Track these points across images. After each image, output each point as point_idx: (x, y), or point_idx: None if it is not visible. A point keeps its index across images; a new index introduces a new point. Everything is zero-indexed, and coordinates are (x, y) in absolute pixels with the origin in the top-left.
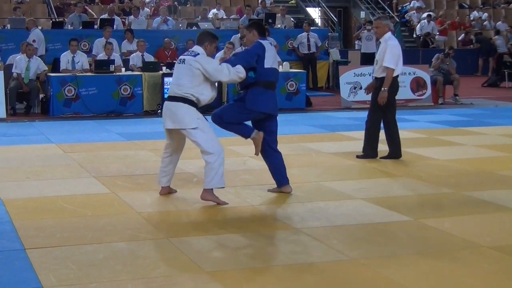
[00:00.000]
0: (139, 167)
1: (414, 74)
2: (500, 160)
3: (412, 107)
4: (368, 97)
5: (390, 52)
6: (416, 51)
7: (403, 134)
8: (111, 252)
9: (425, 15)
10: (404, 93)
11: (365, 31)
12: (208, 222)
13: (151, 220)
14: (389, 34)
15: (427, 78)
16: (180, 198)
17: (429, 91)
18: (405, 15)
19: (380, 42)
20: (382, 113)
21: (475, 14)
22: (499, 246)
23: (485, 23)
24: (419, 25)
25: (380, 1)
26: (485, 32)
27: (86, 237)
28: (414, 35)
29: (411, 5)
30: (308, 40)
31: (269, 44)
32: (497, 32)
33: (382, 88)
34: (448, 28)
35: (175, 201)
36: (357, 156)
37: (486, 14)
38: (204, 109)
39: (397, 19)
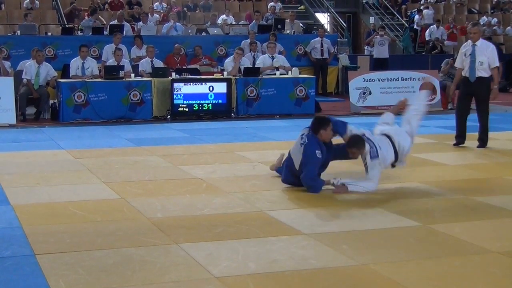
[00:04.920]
0: (148, 173)
1: (423, 79)
2: (510, 165)
3: None
4: (378, 103)
5: (495, 54)
6: (425, 56)
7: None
8: (121, 258)
9: (426, 12)
10: (413, 98)
11: (378, 36)
12: (218, 227)
13: (160, 225)
14: (481, 39)
15: (436, 83)
16: (189, 203)
17: (438, 96)
18: (415, 20)
19: (474, 45)
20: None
21: (484, 19)
22: (509, 252)
23: (494, 27)
24: (428, 30)
25: (389, 7)
26: (494, 37)
27: (96, 243)
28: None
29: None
30: (322, 46)
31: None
32: None
33: (495, 86)
34: (457, 33)
35: (184, 206)
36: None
37: (495, 19)
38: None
39: (406, 25)
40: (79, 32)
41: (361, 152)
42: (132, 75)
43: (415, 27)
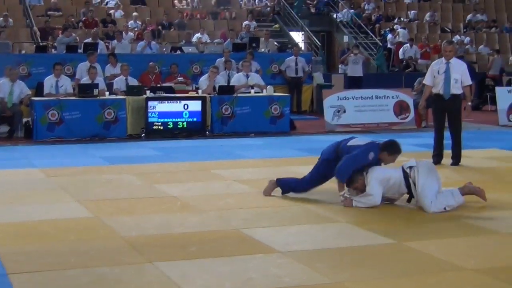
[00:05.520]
0: (122, 191)
1: (397, 97)
2: (483, 182)
3: (395, 130)
4: (352, 121)
5: (467, 72)
6: (399, 74)
7: None
8: (94, 277)
9: (402, 31)
10: (387, 116)
11: (352, 55)
12: (192, 245)
13: (135, 244)
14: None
15: (410, 101)
16: (164, 222)
17: (412, 114)
18: (388, 39)
19: (448, 63)
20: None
21: (457, 38)
22: (482, 269)
23: (467, 46)
24: (401, 49)
25: (363, 25)
26: (467, 56)
27: (69, 262)
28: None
29: (395, 28)
30: (296, 64)
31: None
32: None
33: (469, 103)
34: (430, 52)
35: (159, 225)
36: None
37: (468, 38)
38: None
39: (380, 43)
40: (53, 50)
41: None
42: (107, 93)
43: (388, 45)
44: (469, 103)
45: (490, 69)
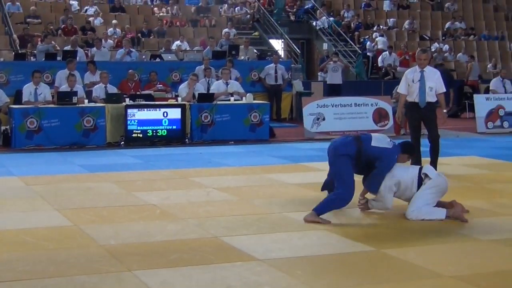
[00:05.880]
0: (102, 199)
1: (376, 105)
2: (462, 190)
3: None
4: (331, 128)
5: (441, 80)
6: (378, 82)
7: None
8: (73, 286)
9: (380, 39)
10: (366, 124)
11: (331, 62)
12: (172, 253)
13: (114, 252)
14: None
15: (389, 109)
16: (143, 230)
17: (391, 121)
18: (367, 46)
19: (423, 71)
20: None
21: (436, 45)
22: (461, 276)
23: (445, 54)
24: (380, 57)
25: (343, 33)
26: (446, 63)
27: (48, 271)
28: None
29: (374, 36)
30: (276, 72)
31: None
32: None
33: (444, 110)
34: (409, 60)
35: (138, 233)
36: None
37: (447, 46)
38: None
39: (359, 51)
40: (32, 57)
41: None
42: (86, 101)
43: (367, 53)
44: (444, 111)
45: (468, 76)
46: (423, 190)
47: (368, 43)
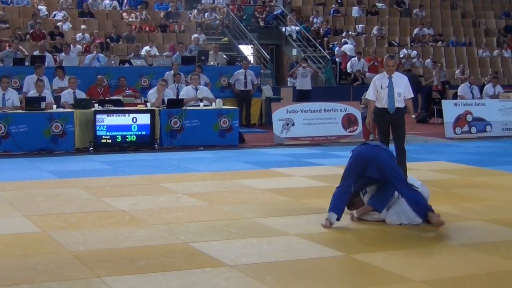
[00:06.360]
0: (70, 205)
1: (345, 110)
2: (431, 195)
3: (343, 143)
4: (301, 134)
5: (409, 85)
6: (347, 88)
7: (335, 170)
8: None
9: (347, 47)
10: (336, 129)
11: (300, 68)
12: (141, 259)
13: (83, 259)
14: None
15: (358, 114)
16: (112, 236)
17: (360, 127)
18: (335, 52)
19: (391, 77)
20: None
21: (404, 51)
22: (430, 280)
23: (414, 60)
24: (349, 62)
25: (312, 39)
26: (414, 69)
27: (16, 278)
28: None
29: (342, 42)
30: (245, 77)
31: None
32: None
33: (413, 116)
34: (378, 65)
35: (107, 239)
36: None
37: (415, 52)
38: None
39: (328, 57)
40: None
41: None
42: (54, 106)
43: (336, 59)
44: (413, 116)
45: (434, 81)
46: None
47: (337, 49)
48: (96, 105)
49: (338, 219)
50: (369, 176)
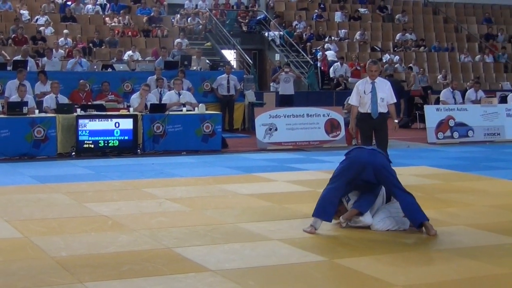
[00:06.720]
0: (52, 211)
1: (328, 115)
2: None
3: (326, 148)
4: (284, 139)
5: (392, 90)
6: (330, 93)
7: (317, 175)
8: None
9: (329, 53)
10: (318, 134)
11: (283, 73)
12: (124, 265)
13: (65, 264)
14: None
15: (341, 119)
16: (94, 241)
17: (343, 132)
18: (318, 57)
19: (374, 82)
20: None
21: (387, 56)
22: (412, 285)
23: (396, 65)
24: (332, 67)
25: (295, 44)
26: (396, 74)
27: None
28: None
29: (325, 48)
30: (228, 82)
31: None
32: (410, 69)
33: (396, 120)
34: (361, 70)
35: (89, 244)
36: None
37: (397, 57)
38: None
39: (311, 62)
40: None
41: None
42: (36, 111)
43: (319, 64)
44: (396, 121)
45: (412, 85)
46: (392, 203)
47: (319, 53)
48: (78, 110)
49: (329, 221)
50: (364, 179)
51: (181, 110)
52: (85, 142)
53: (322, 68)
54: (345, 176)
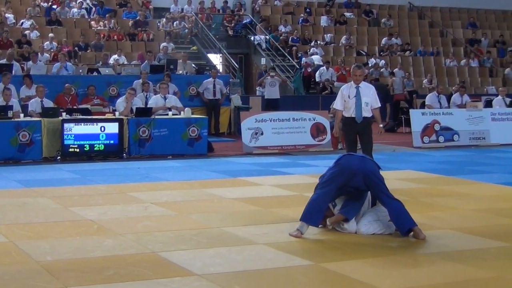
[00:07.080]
0: (37, 215)
1: (314, 119)
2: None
3: (312, 153)
4: (269, 143)
5: (376, 95)
6: (315, 97)
7: (303, 179)
8: None
9: (315, 57)
10: (304, 138)
11: (269, 77)
12: (109, 269)
13: (50, 268)
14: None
15: (326, 123)
16: (80, 245)
17: (328, 136)
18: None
19: (358, 87)
20: None
21: (372, 61)
22: None
23: (382, 69)
24: (318, 72)
25: (280, 48)
26: (382, 78)
27: None
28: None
29: (311, 52)
30: (214, 86)
31: None
32: (393, 74)
33: (380, 125)
34: (346, 75)
35: (75, 249)
36: None
37: (383, 61)
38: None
39: (297, 66)
40: None
41: None
42: (21, 115)
43: (303, 70)
44: (381, 125)
45: (392, 89)
46: (378, 206)
47: (304, 58)
48: (64, 114)
49: (316, 226)
50: (354, 185)
51: (167, 114)
52: (71, 146)
53: (304, 75)
54: (335, 182)
